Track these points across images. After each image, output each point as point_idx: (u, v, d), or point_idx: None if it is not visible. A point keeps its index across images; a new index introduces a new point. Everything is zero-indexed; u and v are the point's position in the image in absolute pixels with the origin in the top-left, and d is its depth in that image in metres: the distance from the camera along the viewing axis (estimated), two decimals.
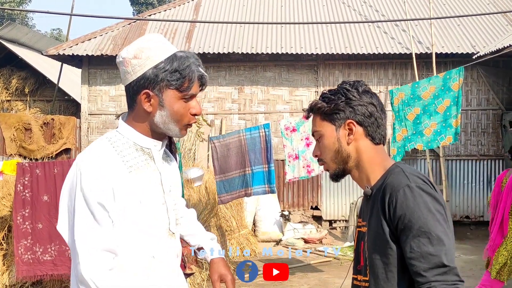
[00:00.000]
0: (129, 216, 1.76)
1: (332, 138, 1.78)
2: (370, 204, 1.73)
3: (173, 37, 10.42)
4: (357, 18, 10.98)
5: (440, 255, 1.53)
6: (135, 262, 1.79)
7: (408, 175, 1.65)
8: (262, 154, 6.46)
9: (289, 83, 10.26)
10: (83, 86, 10.39)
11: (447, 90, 6.76)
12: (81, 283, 1.69)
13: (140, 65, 1.79)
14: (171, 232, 1.90)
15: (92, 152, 1.80)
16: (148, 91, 1.79)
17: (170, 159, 2.00)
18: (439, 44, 9.87)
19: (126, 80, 1.84)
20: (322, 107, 1.80)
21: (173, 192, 1.94)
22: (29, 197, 5.54)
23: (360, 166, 1.77)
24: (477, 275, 6.94)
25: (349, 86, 1.78)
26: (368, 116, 1.75)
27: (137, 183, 1.80)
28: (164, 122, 1.83)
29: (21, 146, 10.43)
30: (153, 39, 1.84)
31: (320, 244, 8.88)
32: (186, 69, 1.79)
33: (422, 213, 1.56)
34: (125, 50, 1.84)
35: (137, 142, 1.86)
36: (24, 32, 13.05)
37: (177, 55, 1.81)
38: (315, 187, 10.16)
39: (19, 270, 5.50)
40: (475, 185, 10.05)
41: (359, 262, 1.77)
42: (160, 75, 1.78)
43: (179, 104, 1.82)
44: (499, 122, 10.03)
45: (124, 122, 1.88)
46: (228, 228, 7.89)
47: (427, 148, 7.32)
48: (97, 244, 1.70)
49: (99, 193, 1.71)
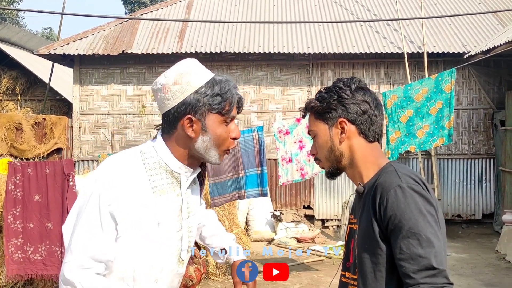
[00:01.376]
0: (143, 236, 1.73)
1: (325, 137, 1.78)
2: (362, 202, 1.72)
3: (165, 36, 10.40)
4: (349, 17, 11.01)
5: (429, 257, 1.52)
6: (139, 283, 1.76)
7: (400, 175, 1.64)
8: (255, 157, 6.45)
9: (282, 82, 10.27)
10: (75, 85, 10.34)
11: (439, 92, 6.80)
12: (65, 283, 1.66)
13: (181, 90, 1.75)
14: (181, 259, 1.87)
15: (122, 160, 1.77)
16: (191, 116, 1.76)
17: (196, 186, 1.97)
18: (430, 44, 9.91)
19: (165, 107, 1.79)
20: (315, 106, 1.80)
21: (191, 218, 1.91)
22: (20, 197, 5.52)
23: (354, 164, 1.77)
24: (469, 273, 6.98)
25: (342, 84, 1.77)
26: (360, 114, 1.74)
27: (158, 205, 1.77)
28: (205, 148, 1.80)
29: (12, 146, 10.36)
30: (190, 64, 1.81)
31: (313, 243, 8.89)
32: (228, 93, 1.79)
33: (412, 214, 1.56)
34: (163, 76, 1.80)
35: (168, 165, 1.81)
36: (15, 31, 12.97)
37: (216, 79, 1.80)
38: (308, 187, 10.17)
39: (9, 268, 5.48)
40: (466, 184, 10.10)
41: (348, 259, 1.77)
42: (202, 99, 1.75)
43: (221, 128, 1.80)
44: (490, 121, 10.09)
45: (162, 141, 1.83)
46: None
47: (420, 149, 7.35)
48: (91, 251, 1.66)
49: (114, 203, 1.68)
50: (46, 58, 10.67)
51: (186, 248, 1.88)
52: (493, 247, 8.22)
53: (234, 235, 2.33)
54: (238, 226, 8.39)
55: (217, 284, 6.60)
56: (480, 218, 10.06)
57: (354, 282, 1.70)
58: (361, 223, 1.70)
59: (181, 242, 1.85)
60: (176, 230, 1.83)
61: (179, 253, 1.85)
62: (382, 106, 1.83)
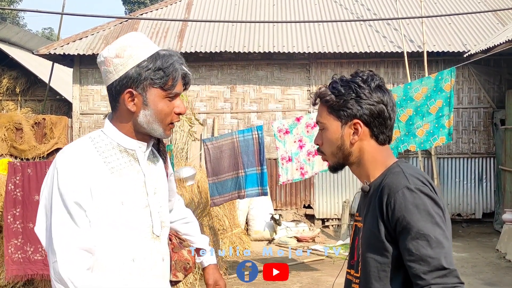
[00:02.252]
0: (109, 217, 1.73)
1: (336, 134, 1.73)
2: (367, 201, 1.71)
3: (165, 36, 10.40)
4: (349, 16, 11.00)
5: (439, 257, 1.52)
6: (115, 264, 1.75)
7: (407, 176, 1.62)
8: (255, 156, 6.45)
9: (281, 82, 10.26)
10: (75, 85, 10.34)
11: (439, 90, 6.79)
12: (59, 282, 1.65)
13: (123, 64, 1.75)
14: (155, 235, 1.84)
15: (71, 151, 1.77)
16: (131, 90, 1.76)
17: (157, 160, 1.95)
18: (430, 43, 9.90)
19: (108, 80, 1.80)
20: (330, 100, 1.72)
21: (158, 194, 1.89)
22: (20, 197, 5.51)
23: (362, 164, 1.75)
24: (469, 272, 6.98)
25: (362, 81, 1.70)
26: (376, 116, 1.69)
27: (118, 185, 1.76)
28: (148, 122, 1.79)
29: (12, 146, 10.36)
30: (134, 37, 1.80)
31: (313, 243, 8.89)
32: (170, 67, 1.76)
33: (421, 215, 1.55)
34: (106, 49, 1.80)
35: (121, 143, 1.82)
36: (15, 32, 12.97)
37: (160, 54, 1.77)
38: (308, 186, 10.17)
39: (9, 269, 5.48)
40: (466, 183, 10.10)
41: (353, 257, 1.76)
42: (144, 73, 1.74)
43: (163, 103, 1.79)
44: (490, 120, 10.08)
45: (109, 122, 1.85)
46: (221, 227, 7.89)
47: (420, 149, 7.34)
48: (75, 243, 1.66)
49: (75, 192, 1.68)
50: (46, 58, 10.67)
51: (159, 223, 1.86)
52: (494, 246, 8.22)
53: (207, 237, 2.34)
54: (238, 226, 8.40)
55: None
56: (481, 217, 10.05)
57: (356, 281, 1.70)
58: (366, 222, 1.69)
59: (151, 218, 1.83)
60: (143, 207, 1.81)
61: (151, 229, 1.83)
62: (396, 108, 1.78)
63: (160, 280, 1.88)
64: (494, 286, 6.43)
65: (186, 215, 2.29)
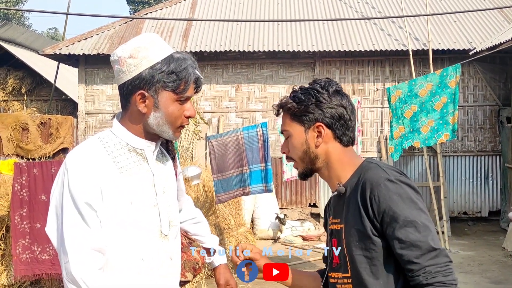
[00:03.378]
0: (118, 217, 1.74)
1: (300, 139, 1.78)
2: (345, 201, 1.74)
3: (170, 35, 10.41)
4: (353, 15, 10.98)
5: (427, 240, 1.58)
6: (124, 264, 1.76)
7: (385, 169, 1.68)
8: (259, 153, 6.45)
9: (286, 80, 10.26)
10: (80, 85, 10.37)
11: (444, 87, 6.77)
12: (72, 283, 1.67)
13: (136, 64, 1.76)
14: (163, 235, 1.85)
15: (81, 151, 1.78)
16: (143, 91, 1.76)
17: (166, 160, 1.96)
18: (435, 41, 9.87)
19: (120, 79, 1.81)
20: (292, 108, 1.78)
21: (167, 193, 1.90)
22: (26, 197, 5.54)
23: (329, 166, 1.79)
24: (475, 271, 6.96)
25: (320, 87, 1.76)
26: (337, 119, 1.75)
27: (128, 184, 1.77)
28: (158, 124, 1.80)
29: (18, 146, 10.40)
30: (150, 38, 1.80)
31: (319, 241, 8.89)
32: (183, 71, 1.76)
33: (405, 204, 1.60)
34: (121, 48, 1.80)
35: (129, 143, 1.83)
36: (20, 32, 13.01)
37: (174, 56, 1.78)
38: (313, 185, 10.17)
39: (17, 269, 5.50)
40: (472, 181, 10.07)
41: (333, 259, 1.79)
42: (157, 76, 1.75)
43: (174, 106, 1.79)
44: (496, 118, 10.05)
45: (118, 122, 1.86)
46: (226, 226, 7.89)
47: (424, 145, 7.34)
48: (86, 244, 1.68)
49: (86, 193, 1.70)
50: (52, 58, 10.70)
51: (167, 222, 1.87)
52: (500, 244, 8.19)
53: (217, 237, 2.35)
54: (243, 225, 8.39)
55: None
56: (487, 216, 10.02)
57: (347, 281, 1.73)
58: (348, 222, 1.71)
59: (159, 217, 1.84)
60: (152, 206, 1.83)
61: (159, 228, 1.84)
62: (356, 111, 1.85)
63: (168, 279, 1.88)
64: (501, 285, 6.41)
65: (195, 215, 2.30)
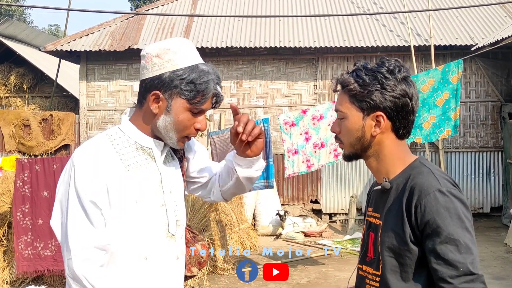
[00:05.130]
0: (123, 215, 1.74)
1: (356, 125, 1.66)
2: (389, 199, 1.66)
3: (171, 31, 10.40)
4: (355, 10, 10.96)
5: (466, 263, 1.51)
6: (128, 262, 1.77)
7: (438, 178, 1.58)
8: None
9: (288, 76, 10.24)
10: (82, 81, 10.37)
11: (446, 83, 6.74)
12: (73, 279, 1.69)
13: (160, 65, 1.77)
14: (170, 234, 1.85)
15: (88, 148, 1.79)
16: (158, 92, 1.76)
17: (174, 160, 1.95)
18: (437, 36, 9.85)
19: (143, 75, 1.82)
20: (354, 90, 1.64)
21: (174, 193, 1.90)
22: (28, 193, 5.55)
23: (380, 158, 1.69)
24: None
25: (388, 72, 1.63)
26: (399, 110, 1.63)
27: (134, 182, 1.77)
28: (165, 128, 1.80)
29: (20, 143, 10.42)
30: (181, 43, 1.80)
31: (320, 238, 8.89)
32: (203, 84, 1.76)
33: (452, 220, 1.52)
34: (152, 45, 1.82)
35: (138, 141, 1.83)
36: (21, 28, 13.01)
37: (199, 67, 1.77)
38: (315, 181, 10.16)
39: (20, 265, 5.52)
40: (474, 177, 10.06)
41: (367, 252, 1.73)
42: (176, 81, 1.75)
43: (185, 115, 1.79)
44: (498, 114, 10.03)
45: (127, 119, 1.86)
46: (228, 223, 7.89)
47: (426, 141, 7.32)
48: (90, 241, 1.69)
49: (92, 190, 1.71)
50: (53, 54, 10.70)
51: (174, 222, 1.86)
52: (502, 240, 8.19)
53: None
54: (245, 221, 8.40)
55: (225, 278, 6.62)
56: (488, 211, 10.01)
57: (376, 278, 1.67)
58: (387, 221, 1.64)
59: (166, 217, 1.84)
60: (159, 205, 1.82)
61: (166, 228, 1.84)
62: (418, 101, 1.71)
63: (173, 278, 1.88)
64: (503, 280, 6.41)
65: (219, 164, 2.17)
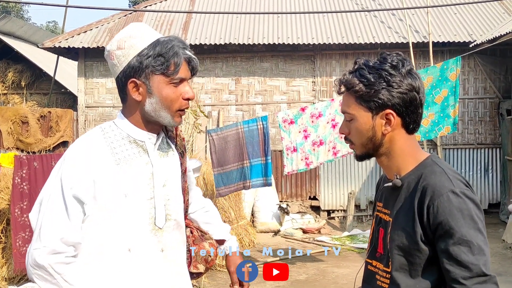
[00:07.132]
0: (109, 208, 1.74)
1: (366, 125, 1.63)
2: (400, 196, 1.65)
3: (169, 28, 10.38)
4: (353, 7, 10.95)
5: (479, 264, 1.50)
6: (110, 254, 1.76)
7: (451, 178, 1.57)
8: (260, 147, 6.46)
9: (286, 73, 10.24)
10: (80, 78, 10.35)
11: (444, 80, 6.75)
12: (37, 268, 1.68)
13: (124, 55, 1.76)
14: (157, 227, 1.83)
15: (80, 143, 1.80)
16: (134, 79, 1.76)
17: (171, 153, 1.94)
18: (436, 33, 9.85)
19: (115, 73, 1.81)
20: (360, 91, 1.61)
21: (168, 187, 1.88)
22: (27, 190, 5.54)
23: (391, 155, 1.67)
24: None
25: (392, 68, 1.59)
26: (408, 105, 1.60)
27: (124, 176, 1.77)
28: (154, 110, 1.79)
29: (18, 140, 10.41)
30: (135, 27, 1.80)
31: (319, 234, 8.91)
32: (169, 52, 1.75)
33: (465, 221, 1.51)
34: (110, 43, 1.81)
35: (130, 134, 1.83)
36: (19, 25, 12.99)
37: (160, 40, 1.77)
38: (313, 178, 10.17)
39: (17, 262, 5.52)
40: (472, 174, 10.07)
41: (376, 248, 1.72)
42: (144, 61, 1.74)
43: (168, 89, 1.78)
44: (496, 110, 10.04)
45: (121, 114, 1.87)
46: (227, 219, 7.90)
47: (425, 138, 7.33)
48: (62, 235, 1.69)
49: (76, 186, 1.71)
50: (51, 51, 10.68)
51: (163, 215, 1.84)
52: (499, 236, 8.21)
53: (229, 226, 2.33)
54: (244, 218, 8.41)
55: (224, 275, 6.63)
56: (486, 208, 10.03)
57: (387, 275, 1.66)
58: (397, 219, 1.63)
59: (154, 210, 1.82)
60: (147, 198, 1.81)
61: (152, 221, 1.82)
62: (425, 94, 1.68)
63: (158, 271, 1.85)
64: (501, 276, 6.43)
65: (204, 204, 2.29)
